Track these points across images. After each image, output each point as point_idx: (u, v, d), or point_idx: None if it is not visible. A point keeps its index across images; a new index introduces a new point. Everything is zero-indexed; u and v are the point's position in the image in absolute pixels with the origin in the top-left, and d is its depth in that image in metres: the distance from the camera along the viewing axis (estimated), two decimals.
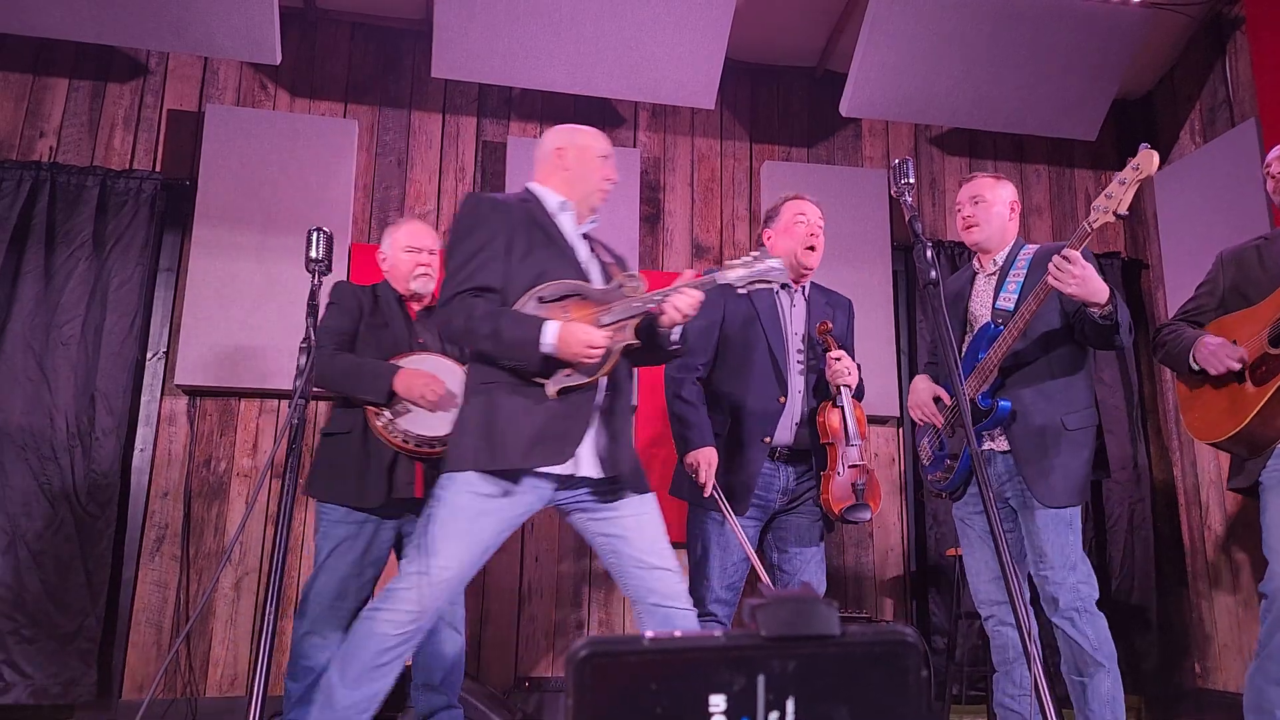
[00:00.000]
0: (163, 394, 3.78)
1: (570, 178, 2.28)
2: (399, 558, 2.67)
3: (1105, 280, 2.31)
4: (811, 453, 2.73)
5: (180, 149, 3.99)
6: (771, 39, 4.45)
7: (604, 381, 2.15)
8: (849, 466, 2.79)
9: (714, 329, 2.72)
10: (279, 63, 3.85)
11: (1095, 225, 2.21)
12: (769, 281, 2.14)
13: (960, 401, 1.99)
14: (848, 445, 2.81)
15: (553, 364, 2.05)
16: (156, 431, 3.74)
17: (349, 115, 4.18)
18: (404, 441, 2.53)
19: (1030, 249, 2.60)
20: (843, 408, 2.80)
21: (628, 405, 2.26)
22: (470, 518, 2.04)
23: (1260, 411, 2.35)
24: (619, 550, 2.15)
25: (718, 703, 0.56)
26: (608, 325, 2.09)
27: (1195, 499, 4.23)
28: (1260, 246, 2.61)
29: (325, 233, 2.31)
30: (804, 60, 4.61)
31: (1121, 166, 2.20)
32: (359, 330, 2.70)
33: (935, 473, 2.64)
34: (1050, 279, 2.26)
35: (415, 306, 2.81)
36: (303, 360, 2.16)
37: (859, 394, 2.97)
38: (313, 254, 2.28)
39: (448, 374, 2.59)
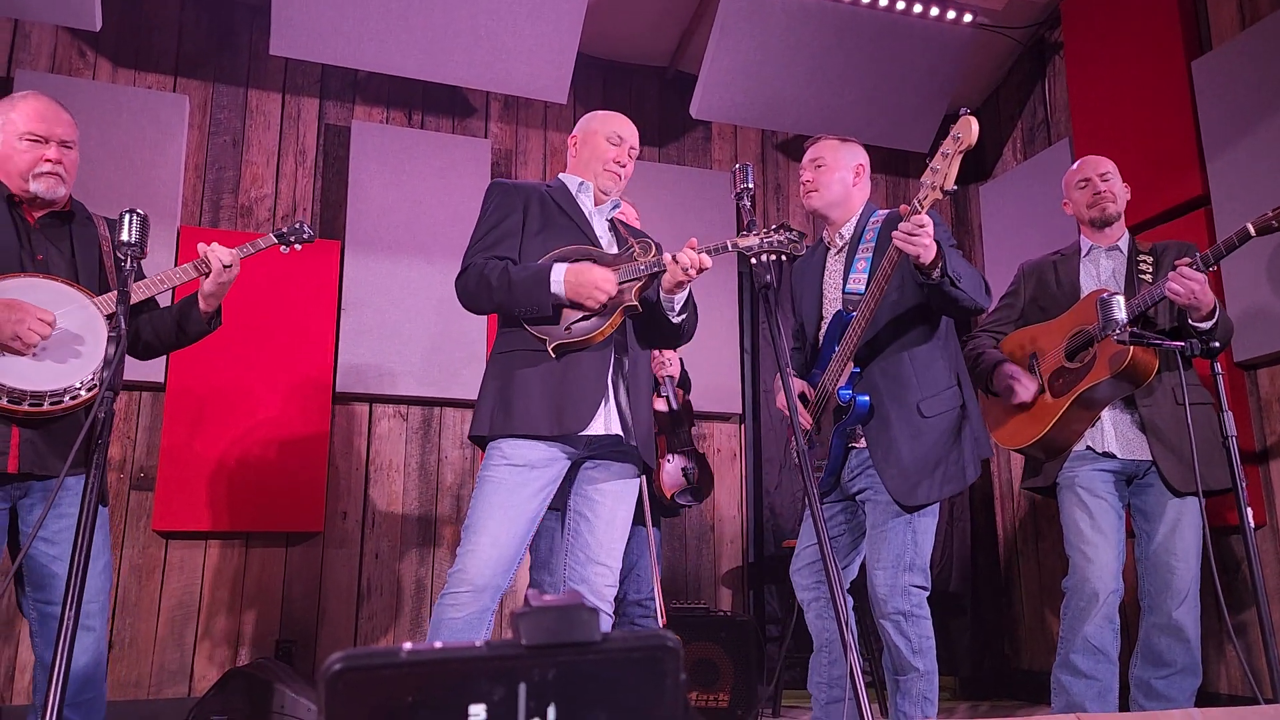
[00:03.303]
0: None
1: (579, 162, 2.40)
2: (11, 552, 2.16)
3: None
4: None
5: None
6: (625, 37, 4.48)
7: (616, 346, 2.23)
8: (677, 453, 2.89)
9: None
10: (99, 29, 3.56)
11: (925, 203, 2.08)
12: (782, 251, 2.13)
13: (790, 399, 2.03)
14: (674, 433, 2.91)
15: (562, 312, 2.17)
16: None
17: (179, 90, 3.92)
18: None
19: (880, 215, 2.43)
20: (666, 397, 2.89)
21: (646, 373, 2.37)
22: (510, 489, 2.11)
23: (1059, 420, 2.56)
24: (579, 530, 2.25)
25: (477, 712, 0.55)
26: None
27: (1009, 494, 4.57)
28: (1056, 263, 2.83)
29: (139, 214, 2.10)
30: (656, 60, 4.68)
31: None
32: None
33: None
34: (897, 243, 2.11)
35: (36, 213, 2.20)
36: (111, 350, 2.00)
37: (685, 384, 3.07)
38: (124, 237, 2.08)
39: (66, 306, 2.02)
